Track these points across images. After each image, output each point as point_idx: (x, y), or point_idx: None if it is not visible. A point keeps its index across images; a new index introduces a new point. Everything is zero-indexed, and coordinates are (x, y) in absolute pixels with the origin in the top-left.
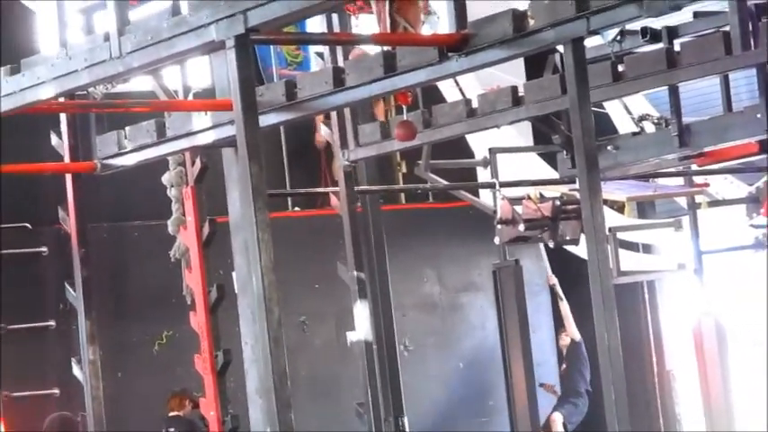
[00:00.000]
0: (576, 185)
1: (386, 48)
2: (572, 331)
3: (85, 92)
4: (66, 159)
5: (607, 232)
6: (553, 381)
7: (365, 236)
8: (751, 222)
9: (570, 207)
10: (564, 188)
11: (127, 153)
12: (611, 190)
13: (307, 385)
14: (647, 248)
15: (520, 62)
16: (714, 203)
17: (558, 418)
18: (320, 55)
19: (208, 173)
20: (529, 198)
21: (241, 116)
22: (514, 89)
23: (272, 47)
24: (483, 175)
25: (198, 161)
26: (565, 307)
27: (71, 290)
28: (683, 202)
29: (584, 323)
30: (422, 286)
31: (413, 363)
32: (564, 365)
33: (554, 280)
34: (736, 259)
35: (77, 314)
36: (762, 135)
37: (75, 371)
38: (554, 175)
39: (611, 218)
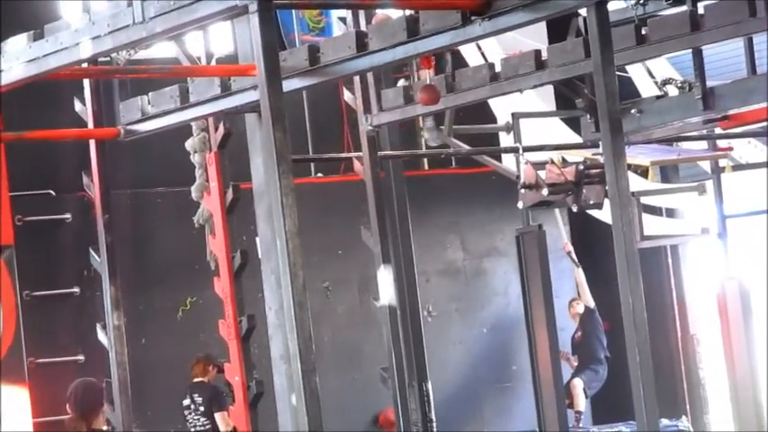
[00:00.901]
0: (600, 150)
1: (409, 12)
2: (587, 299)
3: (109, 58)
4: (90, 125)
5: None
6: (565, 348)
7: (388, 202)
8: None
9: (594, 171)
10: (587, 152)
11: (150, 119)
12: (635, 154)
13: (330, 351)
14: (670, 213)
15: (542, 27)
16: (738, 167)
17: (578, 384)
18: (343, 20)
19: (231, 138)
20: (552, 162)
21: (265, 81)
22: (537, 53)
23: (294, 13)
24: (506, 140)
25: (221, 127)
26: (580, 274)
27: (95, 255)
28: (706, 166)
29: (608, 288)
30: (445, 252)
31: (436, 328)
32: (579, 333)
33: (570, 247)
34: (760, 223)
35: (101, 281)
36: None
37: (100, 336)
38: (577, 139)
39: (634, 182)
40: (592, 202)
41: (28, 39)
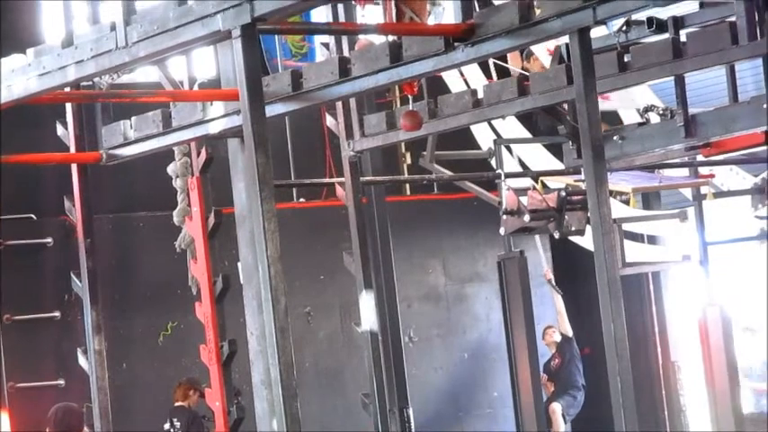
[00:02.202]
0: (582, 176)
1: (392, 38)
2: (566, 327)
3: (91, 82)
4: (72, 150)
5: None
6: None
7: (370, 227)
8: (756, 213)
9: (575, 198)
10: (569, 179)
11: (132, 143)
12: (617, 181)
13: (311, 376)
14: (652, 239)
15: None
16: (719, 194)
17: (557, 408)
18: (326, 45)
19: (213, 163)
20: (534, 189)
21: (248, 106)
22: (520, 79)
23: (276, 38)
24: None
25: (203, 151)
26: (560, 302)
27: (77, 280)
28: (688, 193)
29: (590, 313)
30: (427, 277)
31: (418, 354)
32: (558, 360)
33: (550, 275)
34: (741, 250)
35: (82, 305)
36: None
37: (81, 361)
38: (559, 165)
39: (616, 209)
40: (573, 229)
41: (11, 62)
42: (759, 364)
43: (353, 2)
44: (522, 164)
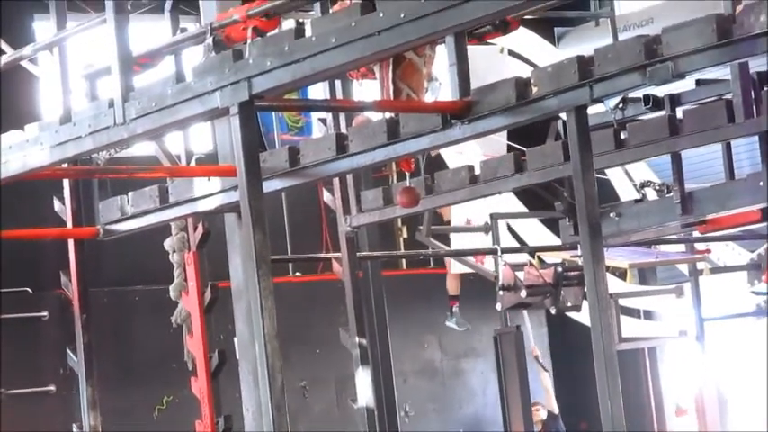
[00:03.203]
0: (578, 251)
1: (389, 114)
2: (552, 404)
3: (89, 157)
4: (69, 225)
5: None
6: None
7: (366, 301)
8: (752, 289)
9: (572, 273)
10: (566, 254)
11: (129, 218)
12: (613, 257)
13: None
14: (648, 315)
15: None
16: (716, 270)
17: None
18: (323, 121)
19: (209, 237)
20: (531, 264)
21: (245, 182)
22: (517, 156)
23: (273, 113)
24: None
25: (200, 226)
26: (546, 379)
27: (72, 355)
28: (684, 268)
29: (586, 389)
30: (423, 352)
31: (414, 428)
32: None
33: (537, 351)
34: (738, 326)
35: (77, 379)
36: (763, 203)
37: None
38: (555, 240)
39: (612, 284)
40: (570, 305)
41: (9, 138)
42: None
43: (350, 78)
44: (517, 238)
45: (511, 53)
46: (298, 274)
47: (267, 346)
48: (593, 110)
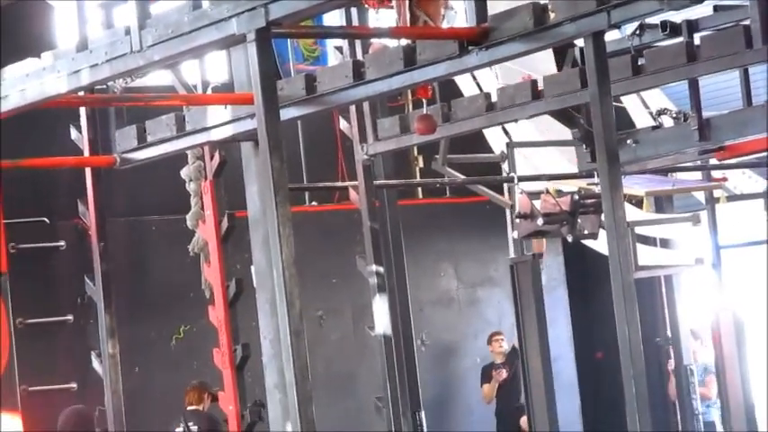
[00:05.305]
0: (595, 179)
1: (405, 41)
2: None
3: (105, 86)
4: (86, 153)
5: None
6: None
7: (382, 231)
8: None
9: (589, 201)
10: (582, 182)
11: (146, 147)
12: (630, 185)
13: (324, 380)
14: (664, 243)
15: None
16: (732, 198)
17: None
18: (339, 49)
19: (226, 166)
20: (547, 192)
21: (262, 110)
22: (534, 83)
23: (289, 42)
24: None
25: (216, 155)
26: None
27: (90, 283)
28: (701, 196)
29: (602, 318)
30: (439, 281)
31: (430, 357)
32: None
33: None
34: (755, 254)
35: (95, 308)
36: None
37: (95, 364)
38: (572, 168)
39: (629, 212)
40: (587, 232)
41: (25, 66)
42: None
43: (367, 5)
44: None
45: None
46: (314, 203)
47: (285, 273)
48: (609, 36)
